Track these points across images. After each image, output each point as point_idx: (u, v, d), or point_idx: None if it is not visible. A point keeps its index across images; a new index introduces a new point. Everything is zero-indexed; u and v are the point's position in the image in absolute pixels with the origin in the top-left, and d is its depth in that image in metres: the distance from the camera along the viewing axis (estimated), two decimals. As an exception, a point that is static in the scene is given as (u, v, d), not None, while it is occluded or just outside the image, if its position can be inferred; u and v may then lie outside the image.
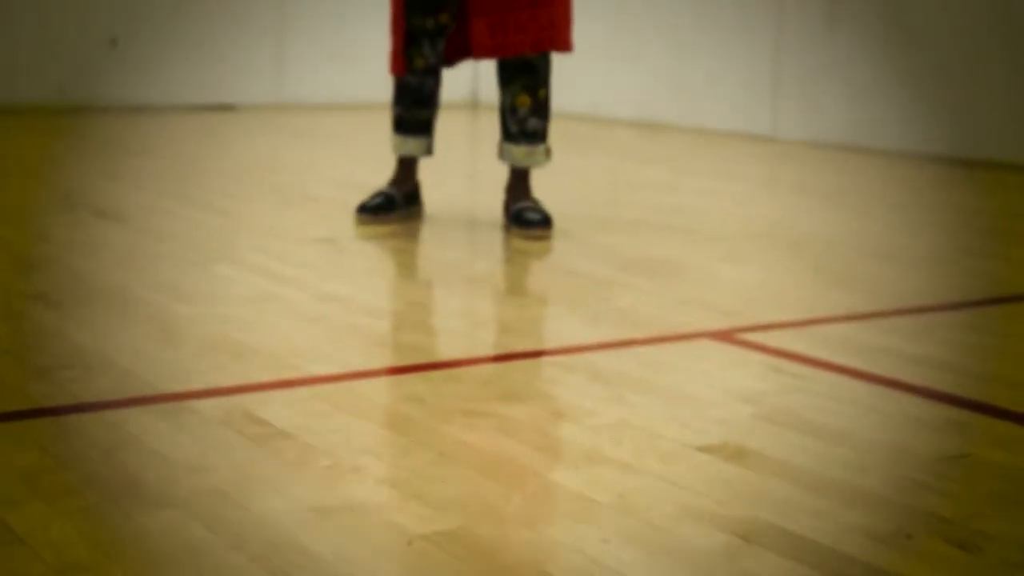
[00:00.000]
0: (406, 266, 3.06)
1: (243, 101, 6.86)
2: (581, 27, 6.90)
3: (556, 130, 6.05)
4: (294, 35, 6.97)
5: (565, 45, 3.37)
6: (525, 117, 3.41)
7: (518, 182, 3.48)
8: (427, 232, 3.37)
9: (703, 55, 6.20)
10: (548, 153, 3.46)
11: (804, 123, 5.77)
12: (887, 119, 5.41)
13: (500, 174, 3.87)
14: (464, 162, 4.52)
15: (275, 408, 1.82)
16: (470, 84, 7.29)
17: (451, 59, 3.53)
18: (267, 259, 2.90)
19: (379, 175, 4.15)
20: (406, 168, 3.55)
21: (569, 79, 6.92)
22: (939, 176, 4.82)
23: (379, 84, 6.92)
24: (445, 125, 5.29)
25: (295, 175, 4.38)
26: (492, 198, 3.76)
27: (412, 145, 3.52)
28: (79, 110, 6.33)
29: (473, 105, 7.20)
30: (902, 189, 4.50)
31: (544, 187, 3.83)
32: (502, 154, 3.47)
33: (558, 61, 6.77)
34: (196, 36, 6.69)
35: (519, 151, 3.44)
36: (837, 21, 5.57)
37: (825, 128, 5.67)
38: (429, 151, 3.55)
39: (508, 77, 3.39)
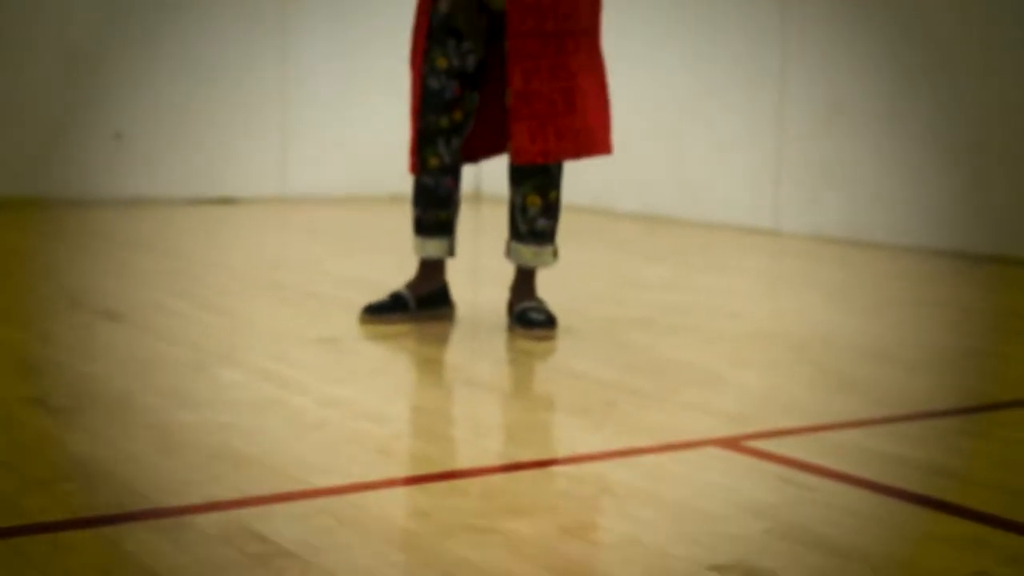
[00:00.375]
0: (409, 368, 3.04)
1: (246, 194, 6.87)
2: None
3: (559, 222, 6.06)
4: (298, 128, 7.00)
5: (605, 148, 3.37)
6: (535, 217, 3.40)
7: (523, 282, 3.47)
8: (430, 332, 3.35)
9: (705, 148, 6.23)
10: (555, 254, 3.45)
11: (806, 217, 5.78)
12: (889, 213, 5.42)
13: (504, 270, 3.86)
14: (467, 257, 4.51)
15: (276, 523, 1.79)
16: (473, 178, 7.31)
17: (476, 157, 3.54)
18: (269, 361, 2.88)
19: (382, 271, 4.14)
20: (428, 270, 3.53)
21: (572, 171, 6.94)
22: (941, 270, 4.81)
23: (383, 178, 6.97)
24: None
25: (297, 272, 4.37)
26: (495, 295, 3.75)
27: (432, 247, 3.50)
28: (83, 203, 6.34)
29: (476, 198, 7.22)
30: (904, 284, 4.48)
31: (549, 283, 3.82)
32: (509, 253, 3.45)
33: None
34: (200, 129, 6.73)
35: (527, 251, 3.42)
36: (838, 115, 5.59)
37: (827, 222, 5.67)
38: (451, 252, 3.52)
39: (520, 177, 3.39)
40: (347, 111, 7.08)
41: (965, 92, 5.11)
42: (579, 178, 6.96)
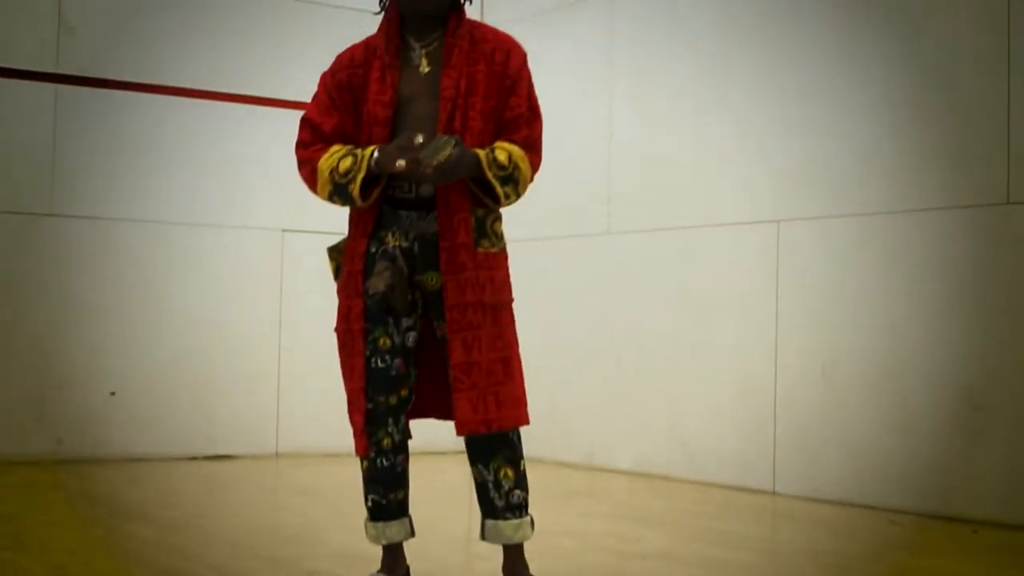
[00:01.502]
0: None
1: (241, 451, 6.87)
2: (579, 374, 7.02)
3: (551, 480, 6.05)
4: (292, 383, 7.04)
5: (528, 419, 3.42)
6: (510, 490, 3.40)
7: (515, 562, 3.43)
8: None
9: (701, 405, 6.26)
10: (533, 524, 3.44)
11: (803, 478, 5.76)
12: (885, 475, 5.41)
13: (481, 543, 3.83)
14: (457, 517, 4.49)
15: None
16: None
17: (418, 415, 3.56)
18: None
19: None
20: (394, 554, 3.51)
21: (564, 425, 6.97)
22: (938, 538, 4.78)
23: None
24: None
25: (293, 544, 4.32)
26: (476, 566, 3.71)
27: (394, 531, 3.48)
28: (77, 462, 6.32)
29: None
30: (897, 554, 4.45)
31: (544, 555, 3.78)
32: (487, 533, 3.42)
33: (553, 405, 6.84)
34: (195, 387, 6.77)
35: (507, 526, 3.40)
36: (833, 375, 5.63)
37: (824, 483, 5.65)
38: (412, 532, 3.52)
39: (487, 452, 3.39)
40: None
41: (960, 352, 5.17)
42: (571, 432, 7.00)
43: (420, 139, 3.24)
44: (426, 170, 3.17)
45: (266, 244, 7.04)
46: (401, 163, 3.22)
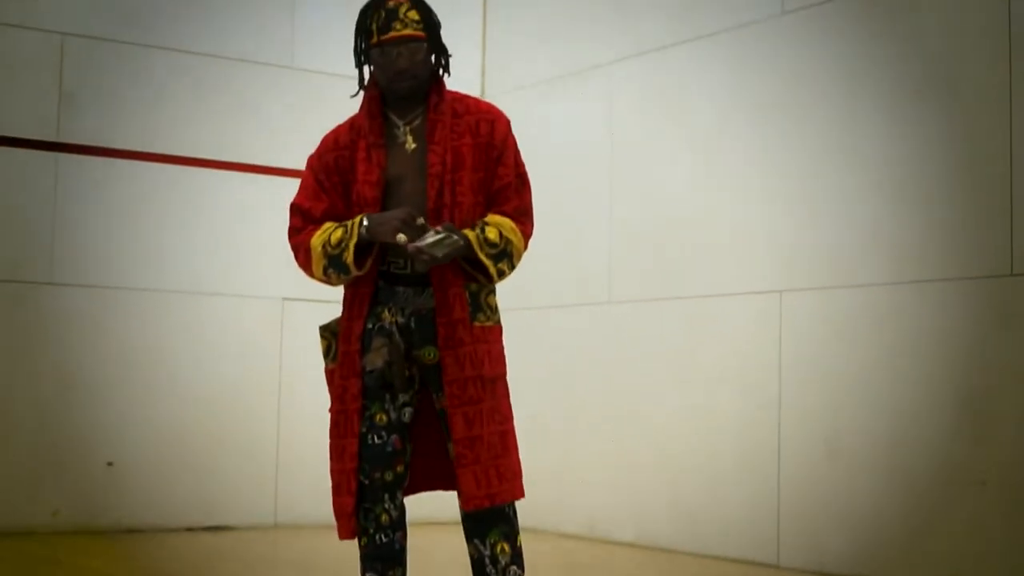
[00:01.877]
0: None
1: (240, 522, 6.80)
2: (581, 444, 6.96)
3: (553, 552, 5.98)
4: (291, 452, 6.98)
5: (523, 492, 3.41)
6: (507, 565, 3.38)
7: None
8: None
9: (704, 477, 6.20)
10: (528, 600, 3.41)
11: (807, 551, 5.70)
12: (889, 550, 5.35)
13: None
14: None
15: None
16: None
17: (414, 490, 3.54)
18: None
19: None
20: None
21: (566, 495, 6.91)
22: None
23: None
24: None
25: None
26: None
27: None
28: (74, 534, 6.26)
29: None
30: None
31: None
32: None
33: (554, 475, 6.78)
34: (193, 457, 6.71)
35: None
36: (837, 447, 5.59)
37: (828, 557, 5.59)
38: None
39: (484, 527, 3.37)
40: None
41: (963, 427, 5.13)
42: (572, 501, 6.93)
43: (421, 220, 3.25)
44: (424, 258, 3.19)
45: (266, 312, 7.02)
46: (403, 237, 3.23)
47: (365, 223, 3.30)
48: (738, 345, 6.10)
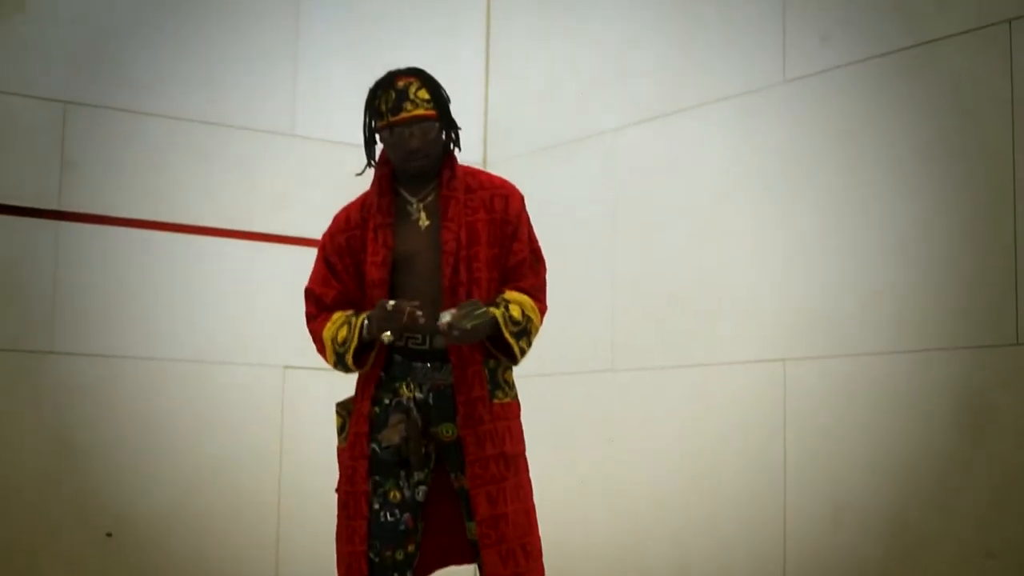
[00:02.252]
0: None
1: (240, 591, 6.76)
2: (584, 514, 6.90)
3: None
4: (292, 523, 6.93)
5: (544, 571, 3.39)
6: None
7: None
8: None
9: (709, 546, 6.15)
10: None
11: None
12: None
13: None
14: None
15: None
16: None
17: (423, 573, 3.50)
18: None
19: None
20: None
21: (569, 566, 6.83)
22: None
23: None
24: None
25: None
26: None
27: None
28: (71, 606, 6.21)
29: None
30: None
31: None
32: None
33: (557, 544, 6.72)
34: (193, 527, 6.66)
35: None
36: (843, 516, 5.55)
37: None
38: None
39: None
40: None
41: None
42: (577, 567, 6.86)
43: (417, 304, 3.24)
44: (455, 333, 3.18)
45: (267, 381, 6.97)
46: (388, 335, 3.22)
47: (365, 324, 3.29)
48: (742, 413, 6.06)
